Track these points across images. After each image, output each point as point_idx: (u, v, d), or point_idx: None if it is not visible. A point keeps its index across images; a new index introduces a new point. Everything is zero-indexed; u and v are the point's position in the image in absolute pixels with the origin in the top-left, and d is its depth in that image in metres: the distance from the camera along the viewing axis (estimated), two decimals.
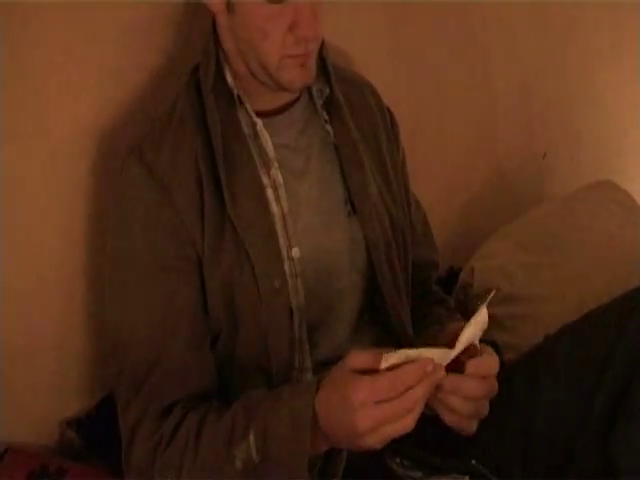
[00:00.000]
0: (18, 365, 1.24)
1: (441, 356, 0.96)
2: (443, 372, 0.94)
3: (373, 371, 0.93)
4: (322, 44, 1.17)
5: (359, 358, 0.94)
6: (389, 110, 1.34)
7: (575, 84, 2.33)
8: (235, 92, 1.14)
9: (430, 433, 1.03)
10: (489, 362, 1.03)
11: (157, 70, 1.32)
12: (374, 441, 0.93)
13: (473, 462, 1.09)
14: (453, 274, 1.79)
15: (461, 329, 0.99)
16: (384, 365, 0.92)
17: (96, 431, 1.29)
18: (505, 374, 1.07)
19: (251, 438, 0.99)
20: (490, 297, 1.01)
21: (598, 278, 1.64)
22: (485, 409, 1.06)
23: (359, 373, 0.93)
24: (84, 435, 1.29)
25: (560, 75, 2.25)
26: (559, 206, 1.95)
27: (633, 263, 1.69)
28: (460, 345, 0.98)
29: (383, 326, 1.25)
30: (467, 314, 1.47)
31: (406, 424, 0.92)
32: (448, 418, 1.04)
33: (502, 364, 1.07)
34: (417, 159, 1.37)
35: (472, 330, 1.00)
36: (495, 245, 1.81)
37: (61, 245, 1.27)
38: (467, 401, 1.02)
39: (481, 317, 1.01)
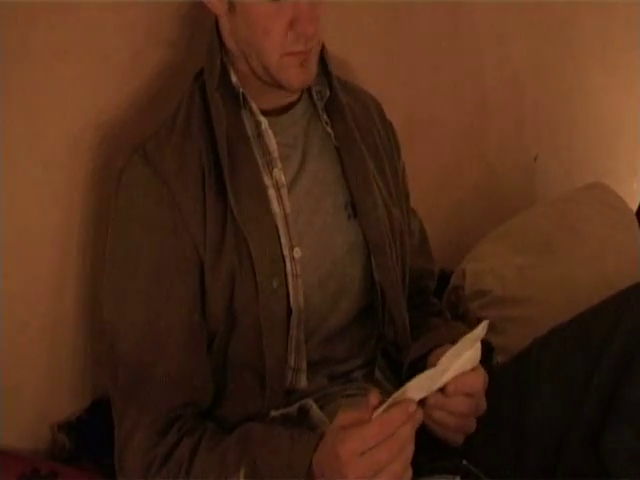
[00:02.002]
0: (9, 368, 1.23)
1: (426, 385, 0.96)
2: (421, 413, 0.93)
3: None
4: (323, 47, 1.18)
5: (348, 416, 0.94)
6: (392, 126, 1.35)
7: (567, 85, 2.34)
8: (240, 91, 1.14)
9: (421, 433, 1.03)
10: (471, 380, 1.03)
11: (161, 71, 1.33)
12: None
13: (464, 462, 1.09)
14: (444, 276, 1.79)
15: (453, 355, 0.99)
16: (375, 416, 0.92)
17: (87, 434, 1.29)
18: (495, 376, 1.08)
19: (241, 475, 0.99)
20: (480, 332, 1.00)
21: (589, 280, 1.65)
22: (472, 425, 1.07)
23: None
24: (75, 438, 1.29)
25: (551, 76, 2.25)
26: (550, 208, 1.96)
27: (624, 265, 1.69)
28: (445, 378, 0.98)
29: (374, 329, 1.26)
30: (458, 317, 1.47)
31: (397, 470, 0.90)
32: (434, 429, 1.06)
33: (494, 366, 1.08)
34: (407, 161, 1.37)
35: (461, 365, 0.99)
36: (486, 247, 1.81)
37: (56, 246, 1.27)
38: (452, 415, 1.04)
39: (473, 355, 1.00)
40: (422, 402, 0.96)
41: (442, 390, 1.01)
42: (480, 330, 0.99)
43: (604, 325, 1.12)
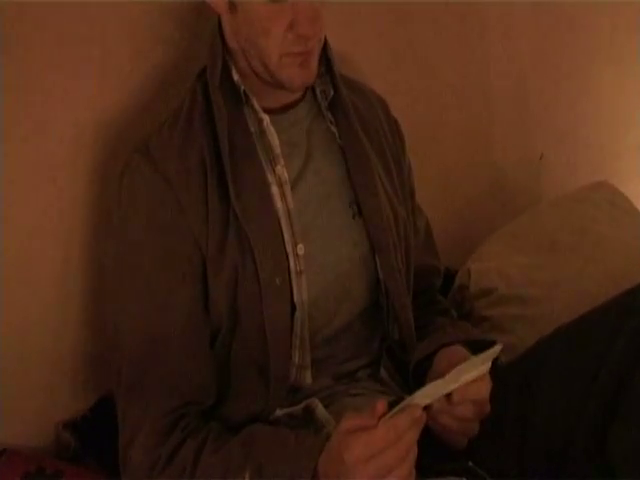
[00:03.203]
0: (13, 367, 1.23)
1: (432, 393, 0.97)
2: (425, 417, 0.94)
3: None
4: (327, 45, 1.18)
5: (354, 421, 0.94)
6: (397, 123, 1.35)
7: (572, 85, 2.33)
8: (242, 88, 1.14)
9: (426, 435, 1.03)
10: (477, 389, 1.03)
11: (162, 70, 1.33)
12: None
13: (470, 464, 1.09)
14: (449, 275, 1.78)
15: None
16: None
17: (92, 433, 1.29)
18: (500, 376, 1.08)
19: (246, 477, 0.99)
20: (492, 354, 1.01)
21: (594, 279, 1.64)
22: (475, 429, 1.08)
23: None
24: (80, 437, 1.29)
25: (557, 76, 2.24)
26: (556, 207, 1.95)
27: (629, 265, 1.69)
28: (451, 387, 0.99)
29: (379, 328, 1.26)
30: (462, 316, 1.47)
31: (402, 474, 0.91)
32: (438, 432, 1.07)
33: (499, 365, 1.08)
34: (413, 160, 1.37)
35: (468, 379, 1.00)
36: (492, 246, 1.81)
37: (58, 245, 1.27)
38: (456, 420, 1.05)
39: (481, 372, 1.02)
40: (427, 407, 0.96)
41: (447, 396, 1.02)
42: (492, 353, 1.01)
43: (609, 324, 1.12)
